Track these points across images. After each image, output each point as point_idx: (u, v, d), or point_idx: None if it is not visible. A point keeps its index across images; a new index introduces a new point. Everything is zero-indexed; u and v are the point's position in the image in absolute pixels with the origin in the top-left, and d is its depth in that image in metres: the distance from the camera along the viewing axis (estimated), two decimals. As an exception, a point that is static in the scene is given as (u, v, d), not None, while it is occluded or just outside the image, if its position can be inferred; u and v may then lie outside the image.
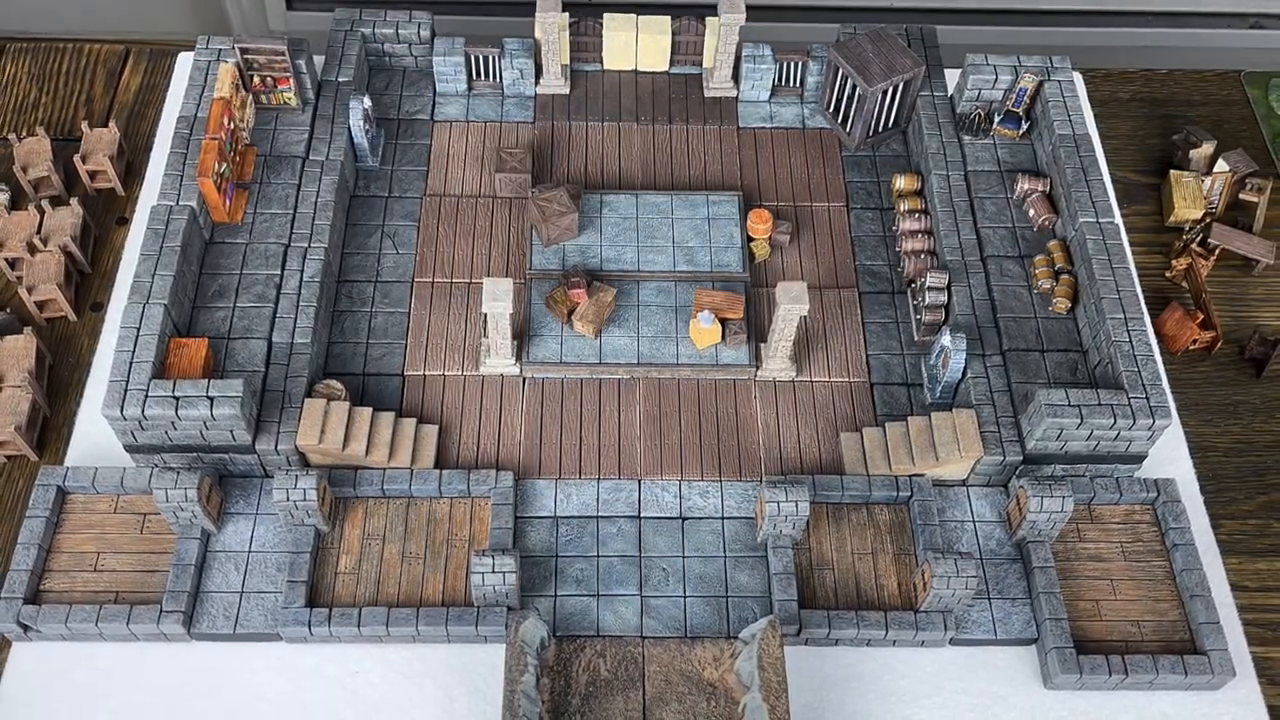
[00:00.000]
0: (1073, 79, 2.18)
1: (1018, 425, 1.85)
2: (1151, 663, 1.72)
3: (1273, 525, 1.98)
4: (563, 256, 2.08)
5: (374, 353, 2.00)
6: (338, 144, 2.10)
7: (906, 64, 2.15)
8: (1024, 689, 1.76)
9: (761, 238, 2.08)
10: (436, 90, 2.32)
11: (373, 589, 1.77)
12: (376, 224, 2.14)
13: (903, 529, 1.85)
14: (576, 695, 1.67)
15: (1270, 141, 2.43)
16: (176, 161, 1.99)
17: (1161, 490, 1.88)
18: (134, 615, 1.71)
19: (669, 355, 1.99)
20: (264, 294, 1.93)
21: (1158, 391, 1.81)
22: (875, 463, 1.88)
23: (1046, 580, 1.78)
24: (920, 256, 2.10)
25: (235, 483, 1.86)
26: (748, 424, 1.95)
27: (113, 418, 1.75)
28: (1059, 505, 1.76)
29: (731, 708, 1.67)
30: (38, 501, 1.80)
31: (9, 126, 2.38)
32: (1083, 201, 2.01)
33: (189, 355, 1.82)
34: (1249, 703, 1.77)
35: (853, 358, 2.02)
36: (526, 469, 1.89)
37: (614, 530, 1.84)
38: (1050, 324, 1.97)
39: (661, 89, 2.35)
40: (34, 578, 1.75)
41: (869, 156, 2.28)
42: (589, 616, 1.76)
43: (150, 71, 2.48)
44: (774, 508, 1.75)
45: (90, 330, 2.10)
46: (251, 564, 1.79)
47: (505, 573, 1.68)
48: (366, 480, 1.84)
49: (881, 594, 1.80)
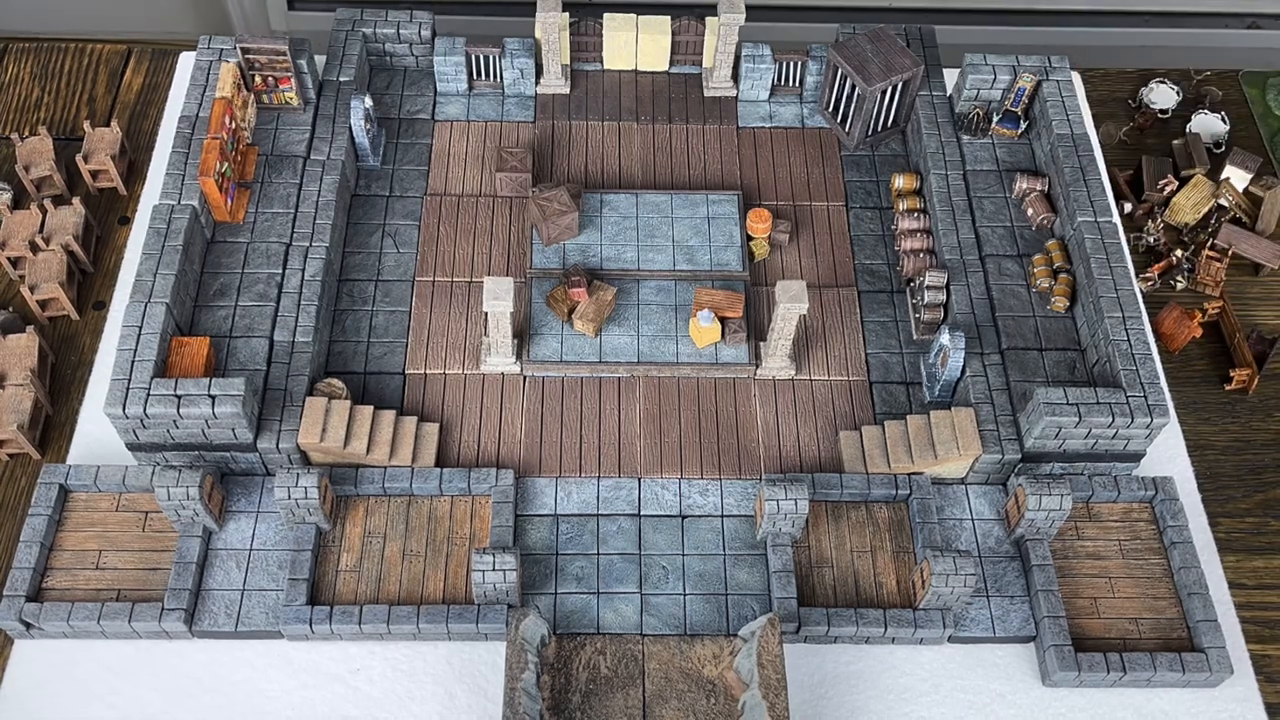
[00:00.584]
0: (1071, 78, 2.17)
1: (1016, 424, 1.85)
2: (1149, 660, 1.72)
3: (1270, 523, 1.97)
4: (563, 255, 2.08)
5: (375, 351, 2.00)
6: (339, 143, 2.10)
7: (905, 64, 2.15)
8: (1022, 686, 1.76)
9: (761, 237, 2.08)
10: (437, 90, 2.31)
11: (374, 587, 1.77)
12: (378, 223, 2.14)
13: (901, 527, 1.85)
14: (577, 692, 1.67)
15: (1268, 141, 2.43)
16: (178, 161, 1.99)
17: (1159, 488, 1.88)
18: (136, 613, 1.71)
19: (669, 354, 1.98)
20: (265, 293, 1.93)
21: (1156, 390, 1.81)
22: (874, 461, 1.88)
23: (1045, 578, 1.78)
24: (919, 255, 2.09)
25: (237, 481, 1.86)
26: (747, 422, 1.94)
27: (115, 416, 1.75)
28: (1057, 503, 1.76)
29: (731, 705, 1.67)
30: (40, 499, 1.80)
31: (12, 126, 2.37)
32: (1081, 201, 2.01)
33: (191, 354, 1.82)
34: (1246, 700, 1.76)
35: (852, 356, 2.02)
36: (527, 467, 1.89)
37: (614, 528, 1.84)
38: (1048, 323, 1.97)
39: (661, 88, 2.35)
40: (36, 575, 1.75)
41: (868, 156, 2.27)
42: (589, 614, 1.76)
43: (152, 71, 2.48)
44: (773, 506, 1.75)
45: (92, 329, 2.09)
46: (253, 562, 1.79)
47: (506, 570, 1.68)
48: (368, 478, 1.83)
49: (880, 592, 1.80)
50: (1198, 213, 2.28)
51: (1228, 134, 2.42)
